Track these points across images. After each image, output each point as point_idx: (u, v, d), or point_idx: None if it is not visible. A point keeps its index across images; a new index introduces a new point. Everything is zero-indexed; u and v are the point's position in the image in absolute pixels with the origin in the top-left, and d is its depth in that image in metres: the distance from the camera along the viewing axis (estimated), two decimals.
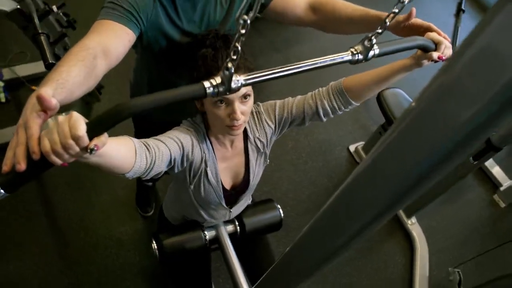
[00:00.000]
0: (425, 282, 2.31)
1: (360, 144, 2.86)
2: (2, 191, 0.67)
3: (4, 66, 2.56)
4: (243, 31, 0.58)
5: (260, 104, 1.27)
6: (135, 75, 1.49)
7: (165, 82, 1.37)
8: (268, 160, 1.35)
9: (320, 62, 0.81)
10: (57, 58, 2.01)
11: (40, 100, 0.68)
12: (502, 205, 2.83)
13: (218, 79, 0.69)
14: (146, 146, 0.96)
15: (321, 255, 0.70)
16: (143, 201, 2.27)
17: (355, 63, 0.86)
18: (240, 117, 1.06)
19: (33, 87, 2.58)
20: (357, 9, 1.22)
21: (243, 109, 1.07)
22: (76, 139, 0.63)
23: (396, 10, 0.76)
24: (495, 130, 1.81)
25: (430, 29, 1.08)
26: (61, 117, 0.65)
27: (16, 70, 2.57)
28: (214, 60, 1.04)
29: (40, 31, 1.69)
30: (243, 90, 1.05)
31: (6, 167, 0.67)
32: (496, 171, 2.95)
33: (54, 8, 2.17)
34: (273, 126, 1.25)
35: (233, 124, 1.07)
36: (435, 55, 1.00)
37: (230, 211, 1.40)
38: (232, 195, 1.34)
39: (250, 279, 1.51)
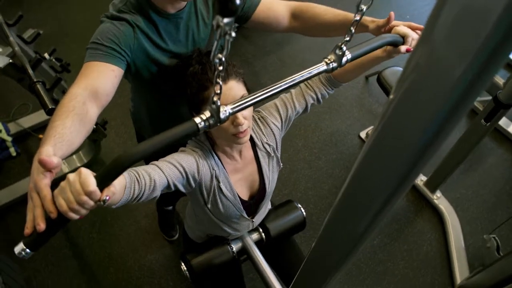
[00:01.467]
0: (463, 253, 2.26)
1: (370, 129, 2.84)
2: (28, 250, 0.71)
3: (9, 121, 2.61)
4: (220, 68, 0.60)
5: (261, 109, 1.27)
6: (133, 104, 1.50)
7: (162, 105, 1.38)
8: (282, 164, 1.35)
9: (298, 78, 0.84)
10: (56, 103, 2.03)
11: (42, 163, 0.71)
12: None
13: (207, 113, 0.72)
14: (136, 178, 0.94)
15: (348, 240, 0.69)
16: (166, 226, 2.27)
17: (332, 71, 0.90)
18: (244, 122, 1.06)
19: (40, 136, 2.61)
20: (337, 15, 1.24)
21: (244, 114, 1.07)
22: (88, 194, 0.66)
23: (358, 18, 0.79)
24: (500, 88, 1.77)
25: (407, 29, 1.10)
26: (72, 176, 0.68)
27: (21, 122, 2.62)
28: (204, 73, 1.06)
29: (35, 80, 1.72)
30: (240, 95, 1.06)
31: (27, 230, 0.71)
32: None
33: (46, 55, 2.21)
34: (279, 125, 1.26)
35: (238, 130, 1.07)
36: (402, 48, 1.06)
37: (253, 221, 1.39)
38: (251, 205, 1.33)
39: (285, 282, 1.50)
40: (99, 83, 1.01)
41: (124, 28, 1.11)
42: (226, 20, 0.47)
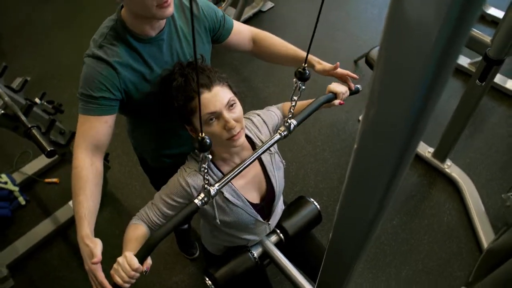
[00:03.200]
0: (484, 217, 2.24)
1: None
2: None
3: (13, 171, 2.62)
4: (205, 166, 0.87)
5: (258, 111, 1.33)
6: (133, 135, 1.50)
7: (159, 128, 1.38)
8: (284, 162, 1.35)
9: (262, 149, 1.09)
10: (55, 144, 2.05)
11: (95, 263, 1.01)
12: None
13: (201, 195, 0.97)
14: (152, 226, 1.19)
15: (363, 222, 0.69)
16: (185, 245, 2.26)
17: (285, 137, 1.13)
18: (235, 124, 1.07)
19: (46, 180, 2.63)
20: (289, 49, 1.42)
21: (234, 117, 1.08)
22: (135, 270, 0.97)
23: (296, 98, 1.03)
24: (488, 46, 1.76)
25: (345, 77, 1.36)
26: (121, 259, 0.98)
27: (25, 170, 2.63)
28: (187, 84, 1.08)
29: (29, 126, 1.73)
30: (226, 99, 1.07)
31: None
32: (511, 84, 2.87)
33: (37, 100, 2.23)
34: (279, 111, 1.37)
35: (232, 134, 1.08)
36: (336, 102, 1.31)
37: (269, 223, 1.38)
38: (264, 207, 1.33)
39: (311, 277, 1.49)
40: (97, 139, 1.16)
41: (106, 72, 1.14)
42: None
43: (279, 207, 1.45)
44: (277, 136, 1.11)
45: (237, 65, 3.28)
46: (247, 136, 1.25)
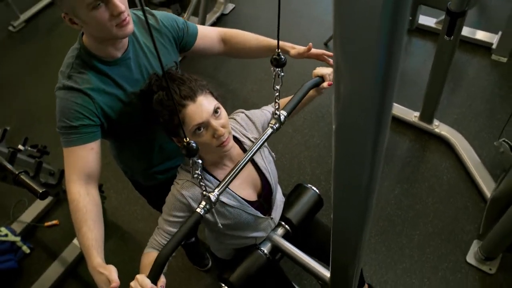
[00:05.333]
0: (482, 168, 2.26)
1: None
2: None
3: (11, 222, 2.59)
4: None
5: (243, 110, 1.33)
6: (120, 160, 1.49)
7: (143, 146, 1.38)
8: (274, 154, 1.35)
9: (256, 147, 1.08)
10: (47, 185, 2.03)
11: None
12: (504, 60, 2.78)
13: (202, 203, 0.97)
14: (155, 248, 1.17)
15: (359, 191, 0.69)
16: (196, 257, 2.26)
17: (278, 130, 1.13)
18: (223, 131, 1.07)
19: (46, 224, 2.60)
20: (262, 41, 1.42)
21: (221, 123, 1.08)
22: None
23: (278, 87, 1.05)
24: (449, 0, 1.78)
25: (321, 56, 1.38)
26: (133, 283, 0.94)
27: (23, 218, 2.60)
28: (169, 98, 1.06)
29: (17, 173, 1.72)
30: (212, 107, 1.07)
31: None
32: (480, 34, 2.91)
33: (20, 146, 2.21)
34: (270, 110, 1.35)
35: (221, 141, 1.08)
36: (325, 84, 1.30)
37: (271, 218, 1.38)
38: (263, 203, 1.33)
39: (325, 261, 1.49)
40: (87, 168, 1.15)
41: (80, 99, 1.13)
42: None
43: (279, 199, 1.45)
44: (269, 130, 1.10)
45: (211, 71, 3.28)
46: (233, 137, 1.25)
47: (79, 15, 1.05)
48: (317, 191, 1.53)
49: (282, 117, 1.12)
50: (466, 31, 2.86)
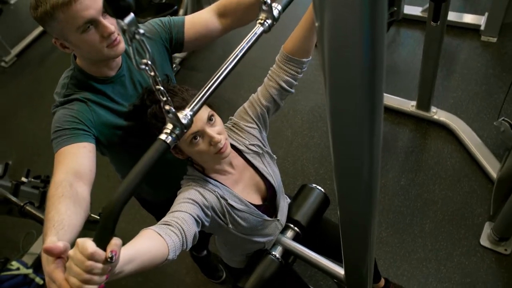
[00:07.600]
0: (485, 149, 2.26)
1: None
2: None
3: (22, 255, 2.59)
4: (152, 74, 0.64)
5: (232, 117, 1.28)
6: (119, 174, 1.49)
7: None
8: (275, 156, 1.35)
9: (241, 50, 0.79)
10: None
11: (48, 252, 0.70)
12: (494, 40, 2.79)
13: (169, 126, 0.68)
14: (166, 224, 0.98)
15: (361, 182, 0.69)
16: (210, 270, 2.24)
17: (270, 30, 0.85)
18: (220, 138, 1.06)
19: None
20: None
21: (217, 130, 1.08)
22: (91, 258, 0.63)
23: None
24: None
25: None
26: (71, 251, 0.66)
27: (33, 250, 2.60)
28: (163, 110, 1.05)
29: (22, 204, 1.72)
30: (206, 115, 1.06)
31: None
32: (467, 18, 2.92)
33: (23, 179, 2.22)
34: (255, 125, 1.27)
35: (218, 148, 1.07)
36: None
37: (278, 219, 1.38)
38: (268, 206, 1.33)
39: (337, 259, 1.48)
40: (77, 163, 1.03)
41: (77, 106, 1.12)
42: (126, 20, 0.46)
43: (285, 201, 1.45)
44: (260, 29, 0.83)
45: (203, 85, 3.29)
46: (232, 145, 1.25)
47: (69, 39, 1.06)
48: (322, 190, 1.53)
49: (275, 12, 0.84)
50: (453, 16, 2.88)
